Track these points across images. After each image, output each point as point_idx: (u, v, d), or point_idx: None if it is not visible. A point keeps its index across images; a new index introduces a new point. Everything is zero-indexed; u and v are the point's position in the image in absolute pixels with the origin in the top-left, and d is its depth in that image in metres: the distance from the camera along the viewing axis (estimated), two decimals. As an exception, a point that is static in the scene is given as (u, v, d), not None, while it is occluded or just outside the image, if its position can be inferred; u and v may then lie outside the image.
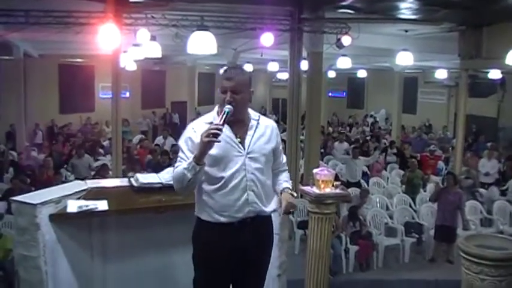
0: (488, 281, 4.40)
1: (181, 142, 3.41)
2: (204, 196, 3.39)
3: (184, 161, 3.27)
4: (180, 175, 3.23)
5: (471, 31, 11.83)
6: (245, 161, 3.36)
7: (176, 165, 3.33)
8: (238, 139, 3.38)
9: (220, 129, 3.12)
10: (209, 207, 3.37)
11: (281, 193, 3.53)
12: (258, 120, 3.51)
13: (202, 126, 3.26)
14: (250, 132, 3.43)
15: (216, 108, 3.41)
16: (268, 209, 3.50)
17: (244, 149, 3.38)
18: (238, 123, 3.39)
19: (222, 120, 3.18)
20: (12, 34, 11.12)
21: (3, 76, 15.92)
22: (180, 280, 4.37)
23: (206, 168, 3.25)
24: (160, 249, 4.44)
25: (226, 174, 3.32)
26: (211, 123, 3.23)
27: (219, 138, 3.13)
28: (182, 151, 3.36)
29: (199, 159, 3.15)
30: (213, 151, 3.22)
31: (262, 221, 3.48)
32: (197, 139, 3.21)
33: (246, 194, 3.35)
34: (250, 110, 3.53)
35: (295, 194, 3.52)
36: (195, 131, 3.33)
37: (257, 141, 3.43)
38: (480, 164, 13.48)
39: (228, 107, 3.24)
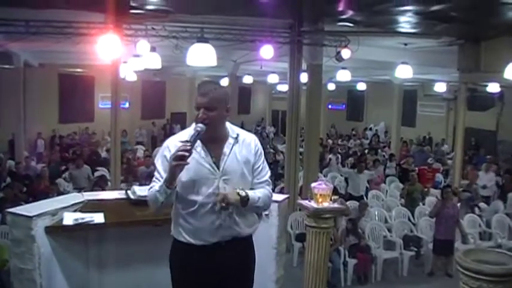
0: (486, 296, 4.38)
1: (157, 161, 3.30)
2: (179, 218, 3.30)
3: (158, 181, 3.17)
4: (153, 197, 3.16)
5: (470, 45, 11.87)
6: (219, 184, 3.21)
7: (151, 185, 3.23)
8: (213, 159, 3.24)
9: (189, 151, 3.00)
10: (183, 229, 3.28)
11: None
12: (237, 137, 3.32)
13: (177, 145, 3.10)
14: (226, 151, 3.27)
15: (193, 125, 3.23)
16: (245, 231, 3.36)
17: (219, 169, 3.23)
18: (213, 141, 3.25)
19: (192, 141, 3.04)
20: (13, 44, 11.14)
21: (3, 85, 15.92)
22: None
23: (179, 190, 3.16)
24: (156, 262, 4.41)
25: (199, 198, 3.20)
26: (186, 141, 3.06)
27: (189, 160, 3.02)
28: (157, 171, 3.25)
29: (170, 182, 3.06)
30: (185, 175, 3.12)
31: (238, 244, 3.34)
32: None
33: (220, 219, 3.23)
34: (230, 126, 3.37)
35: (242, 194, 3.20)
36: (169, 149, 3.20)
37: (233, 161, 3.27)
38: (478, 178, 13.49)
39: (200, 126, 3.12)
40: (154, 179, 3.24)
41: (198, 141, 3.12)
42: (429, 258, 9.67)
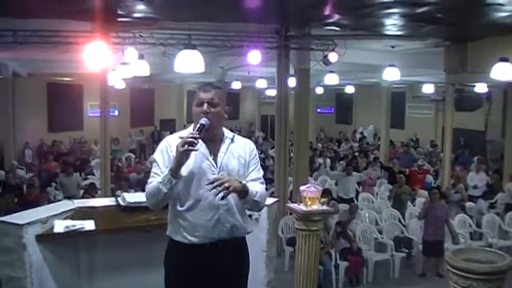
0: (476, 295, 4.41)
1: (157, 156, 3.33)
2: (176, 216, 3.32)
3: (158, 176, 3.20)
4: (154, 189, 3.16)
5: (456, 46, 11.94)
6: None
7: (150, 180, 3.24)
8: (212, 156, 3.32)
9: (196, 139, 3.06)
10: (181, 226, 3.30)
11: None
12: (233, 138, 3.44)
13: (177, 141, 3.14)
14: (223, 149, 3.37)
15: (192, 126, 3.32)
16: (242, 230, 3.41)
17: (217, 166, 3.31)
18: (211, 139, 3.33)
19: (198, 132, 3.12)
20: (1, 53, 11.12)
21: (-9, 95, 15.88)
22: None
23: (178, 186, 3.19)
24: (147, 268, 4.42)
25: (198, 192, 3.26)
26: (192, 133, 3.16)
27: (191, 154, 3.08)
28: (157, 165, 3.28)
29: (175, 171, 3.09)
30: (185, 169, 3.16)
31: (235, 244, 3.39)
32: (172, 153, 3.17)
33: (217, 214, 3.28)
34: (225, 129, 3.46)
35: (243, 182, 3.25)
36: (170, 145, 3.26)
37: (230, 159, 3.37)
38: (468, 178, 13.60)
39: (204, 120, 3.19)
40: (153, 174, 3.26)
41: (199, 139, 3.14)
42: (420, 259, 9.72)
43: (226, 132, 3.45)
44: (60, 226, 4.05)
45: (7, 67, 15.28)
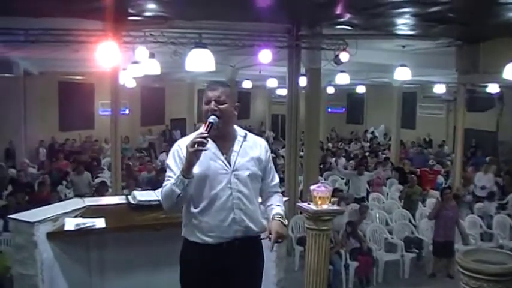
0: (487, 296, 4.40)
1: (169, 160, 3.33)
2: (191, 218, 3.31)
3: (171, 178, 3.19)
4: (168, 192, 3.16)
5: (468, 46, 11.88)
6: (231, 179, 3.27)
7: (164, 184, 3.24)
8: (224, 155, 3.30)
9: (206, 138, 3.05)
10: (196, 228, 3.29)
11: (272, 219, 3.37)
12: (245, 136, 3.43)
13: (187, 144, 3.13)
14: (236, 148, 3.35)
15: (202, 126, 3.24)
16: (258, 228, 3.40)
17: (230, 165, 3.30)
18: (223, 138, 3.33)
19: (208, 130, 3.10)
20: (12, 52, 11.17)
21: (3, 94, 15.95)
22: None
23: (191, 187, 3.18)
24: (157, 266, 4.44)
25: (212, 193, 3.24)
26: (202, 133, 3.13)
27: (201, 155, 3.07)
28: (170, 169, 3.28)
29: (187, 172, 3.07)
30: (197, 169, 3.15)
31: (250, 243, 3.38)
32: (183, 155, 3.15)
33: (232, 213, 3.27)
34: (236, 127, 3.46)
35: (285, 222, 3.37)
36: (181, 148, 3.26)
37: (243, 157, 3.35)
38: (476, 178, 13.48)
39: (212, 118, 3.18)
40: (167, 178, 3.26)
41: (208, 139, 3.12)
42: (430, 259, 9.67)
43: (239, 131, 3.44)
44: (70, 224, 4.07)
45: (18, 65, 15.34)
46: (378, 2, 8.17)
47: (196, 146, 3.01)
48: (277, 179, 3.61)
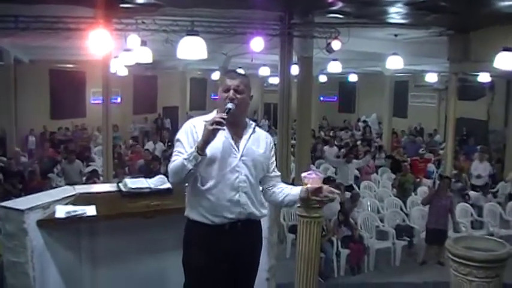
0: (476, 282, 4.43)
1: (181, 136, 3.39)
2: (196, 196, 3.39)
3: (182, 154, 3.26)
4: (179, 166, 3.22)
5: (459, 35, 11.92)
6: (238, 163, 3.39)
7: (173, 158, 3.31)
8: (234, 141, 3.41)
9: (224, 119, 3.16)
10: (201, 206, 3.37)
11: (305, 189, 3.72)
12: (254, 128, 3.56)
13: (201, 124, 3.25)
14: (245, 137, 3.48)
15: (215, 112, 3.40)
16: (259, 213, 3.52)
17: (238, 151, 3.40)
18: (235, 126, 3.43)
19: (225, 114, 3.21)
20: (2, 40, 11.10)
21: (-6, 82, 15.88)
22: (169, 285, 4.37)
23: (201, 165, 3.26)
24: (149, 253, 4.44)
25: (220, 173, 3.34)
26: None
27: (220, 132, 3.18)
28: (181, 145, 3.35)
29: (201, 149, 3.16)
30: (210, 149, 3.23)
31: (252, 226, 3.51)
32: (196, 135, 3.27)
33: (238, 195, 3.37)
34: (247, 119, 3.59)
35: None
36: (195, 126, 3.36)
37: (252, 146, 3.47)
38: (472, 167, 13.54)
39: (230, 104, 3.29)
40: (176, 153, 3.33)
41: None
42: (421, 247, 9.75)
43: (249, 122, 3.58)
44: (61, 211, 4.05)
45: (9, 53, 15.22)
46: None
47: (215, 125, 3.11)
48: (279, 173, 3.78)
